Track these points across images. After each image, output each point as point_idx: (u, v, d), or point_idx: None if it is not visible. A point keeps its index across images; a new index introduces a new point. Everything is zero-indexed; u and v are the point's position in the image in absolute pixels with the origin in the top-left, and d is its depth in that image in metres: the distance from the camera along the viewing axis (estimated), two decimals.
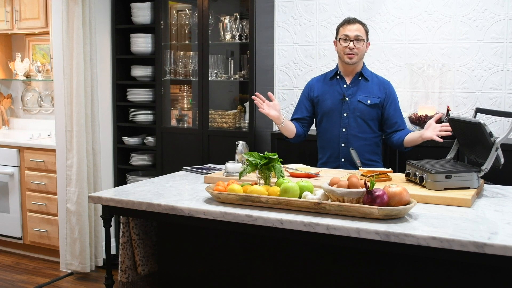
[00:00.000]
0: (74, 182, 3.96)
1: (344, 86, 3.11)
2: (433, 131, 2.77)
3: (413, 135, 2.96)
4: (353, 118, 3.06)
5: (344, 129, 3.08)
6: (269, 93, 3.02)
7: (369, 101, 3.06)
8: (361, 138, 3.06)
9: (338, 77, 3.14)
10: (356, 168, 2.83)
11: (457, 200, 2.17)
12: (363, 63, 3.13)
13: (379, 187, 2.02)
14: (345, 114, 3.08)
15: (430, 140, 3.36)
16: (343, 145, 3.08)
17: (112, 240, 4.11)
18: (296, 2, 4.00)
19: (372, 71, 3.21)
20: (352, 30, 3.01)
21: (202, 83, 4.01)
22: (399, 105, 3.13)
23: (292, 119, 3.25)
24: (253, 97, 3.02)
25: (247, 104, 3.95)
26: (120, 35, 4.37)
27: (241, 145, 2.77)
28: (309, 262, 2.22)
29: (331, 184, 2.10)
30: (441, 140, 2.74)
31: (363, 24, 3.07)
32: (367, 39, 3.08)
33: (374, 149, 3.10)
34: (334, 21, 3.88)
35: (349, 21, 3.06)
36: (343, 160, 3.08)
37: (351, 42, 3.00)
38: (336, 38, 3.11)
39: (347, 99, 3.07)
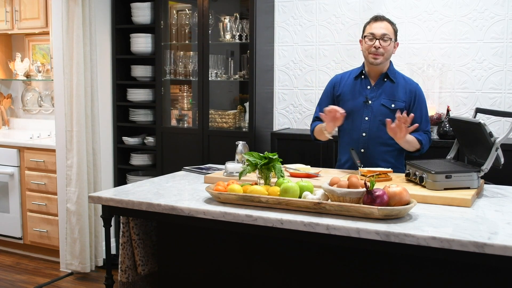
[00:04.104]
0: (74, 182, 3.96)
1: (368, 87, 2.89)
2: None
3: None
4: (375, 123, 2.85)
5: (364, 134, 2.87)
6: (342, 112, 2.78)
7: (393, 105, 2.84)
8: (382, 144, 2.86)
9: (362, 76, 2.92)
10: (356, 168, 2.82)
11: (457, 200, 2.17)
12: (390, 62, 2.92)
13: (379, 187, 2.02)
14: (366, 118, 2.87)
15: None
16: (362, 150, 2.88)
17: (112, 240, 4.11)
18: (296, 2, 4.00)
19: (399, 71, 3.01)
20: (379, 28, 2.78)
21: (202, 83, 4.01)
22: (427, 110, 2.92)
23: (315, 118, 3.07)
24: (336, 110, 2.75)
25: (247, 104, 3.95)
26: (120, 35, 4.37)
27: (241, 145, 2.77)
28: (309, 262, 2.22)
29: (331, 184, 2.10)
30: (393, 135, 2.66)
31: (392, 23, 2.84)
32: (396, 39, 2.84)
33: (396, 154, 2.92)
34: (334, 21, 3.89)
35: (377, 18, 2.82)
36: (362, 165, 2.83)
37: (377, 41, 2.77)
38: (362, 37, 2.89)
39: (369, 102, 2.86)
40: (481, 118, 2.43)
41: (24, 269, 4.21)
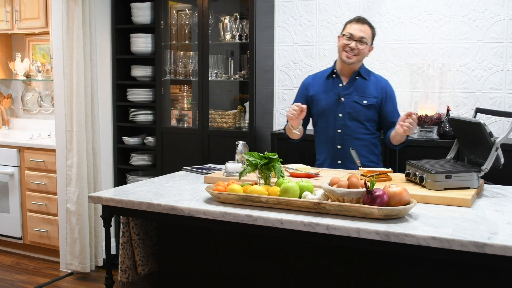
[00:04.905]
0: (74, 182, 3.96)
1: (340, 85, 3.02)
2: (398, 124, 2.72)
3: (393, 131, 2.88)
4: (349, 119, 2.98)
5: (339, 131, 3.00)
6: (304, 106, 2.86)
7: (365, 102, 2.97)
8: (358, 139, 2.99)
9: (334, 76, 3.05)
10: (356, 168, 2.83)
11: (457, 200, 2.17)
12: (362, 62, 3.04)
13: (379, 187, 2.02)
14: (340, 115, 2.99)
15: (430, 139, 3.37)
16: (339, 146, 3.01)
17: (112, 240, 4.11)
18: (296, 2, 4.00)
19: (369, 69, 3.13)
20: (358, 31, 2.90)
21: (202, 83, 4.01)
22: (397, 105, 3.06)
23: None
24: (299, 107, 2.85)
25: (247, 104, 3.95)
26: (120, 35, 4.37)
27: (241, 145, 2.77)
28: (309, 262, 2.22)
29: (331, 184, 2.10)
30: (402, 132, 2.68)
31: (372, 27, 2.97)
32: (372, 43, 2.97)
33: (372, 149, 3.04)
34: (334, 21, 3.89)
35: (359, 20, 2.94)
36: (339, 162, 3.02)
37: (354, 42, 2.90)
38: (341, 33, 2.99)
39: (342, 99, 2.99)
40: (481, 118, 2.43)
41: (24, 269, 4.21)
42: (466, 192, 2.25)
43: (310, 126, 3.28)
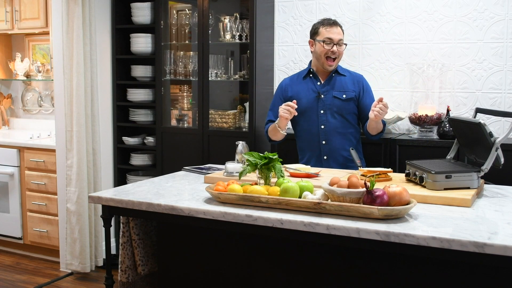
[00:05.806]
0: (74, 182, 3.96)
1: (318, 83, 3.10)
2: (370, 110, 2.79)
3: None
4: (331, 115, 3.06)
5: (322, 126, 3.07)
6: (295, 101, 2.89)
7: (344, 96, 3.06)
8: (341, 133, 3.06)
9: (311, 75, 3.13)
10: (355, 167, 2.83)
11: (457, 200, 2.17)
12: None
13: (379, 187, 2.02)
14: (321, 111, 3.07)
15: (430, 139, 3.37)
16: (323, 142, 3.08)
17: (112, 240, 4.11)
18: (296, 2, 4.00)
19: (344, 67, 3.21)
20: (336, 34, 3.00)
21: (202, 83, 4.01)
22: (374, 98, 3.11)
23: (268, 121, 3.20)
24: (291, 106, 2.86)
25: (247, 104, 3.95)
26: (120, 35, 4.37)
27: (241, 145, 2.77)
28: (309, 262, 2.22)
29: (331, 184, 2.10)
30: (373, 117, 2.74)
31: (341, 26, 3.07)
32: None
33: (355, 144, 3.10)
34: None
35: (333, 23, 3.03)
36: (325, 157, 3.08)
37: (335, 46, 2.99)
38: (313, 38, 3.07)
39: (322, 96, 3.07)
40: (481, 118, 2.43)
41: (24, 269, 4.21)
42: (466, 192, 2.25)
43: (288, 125, 3.25)
